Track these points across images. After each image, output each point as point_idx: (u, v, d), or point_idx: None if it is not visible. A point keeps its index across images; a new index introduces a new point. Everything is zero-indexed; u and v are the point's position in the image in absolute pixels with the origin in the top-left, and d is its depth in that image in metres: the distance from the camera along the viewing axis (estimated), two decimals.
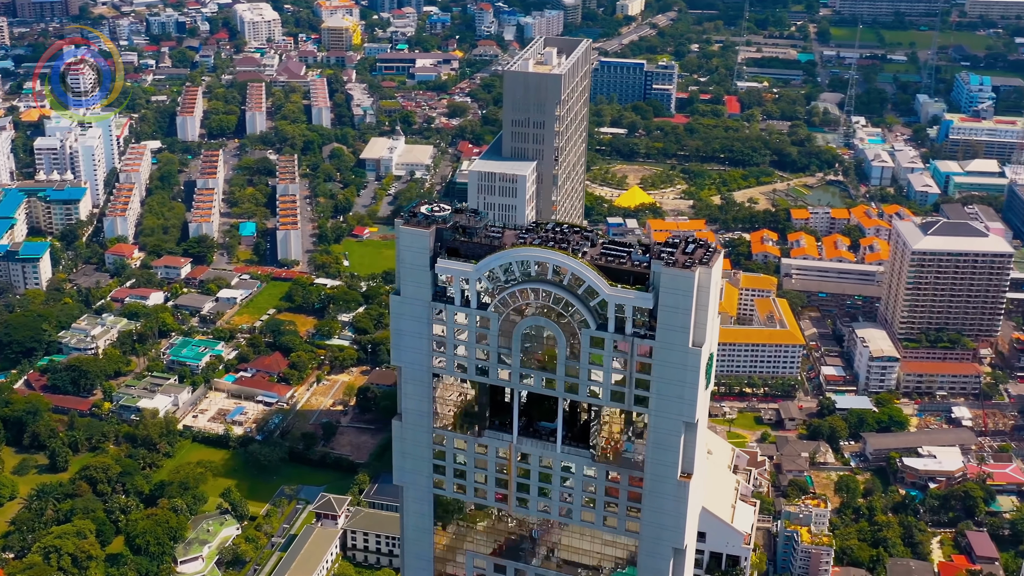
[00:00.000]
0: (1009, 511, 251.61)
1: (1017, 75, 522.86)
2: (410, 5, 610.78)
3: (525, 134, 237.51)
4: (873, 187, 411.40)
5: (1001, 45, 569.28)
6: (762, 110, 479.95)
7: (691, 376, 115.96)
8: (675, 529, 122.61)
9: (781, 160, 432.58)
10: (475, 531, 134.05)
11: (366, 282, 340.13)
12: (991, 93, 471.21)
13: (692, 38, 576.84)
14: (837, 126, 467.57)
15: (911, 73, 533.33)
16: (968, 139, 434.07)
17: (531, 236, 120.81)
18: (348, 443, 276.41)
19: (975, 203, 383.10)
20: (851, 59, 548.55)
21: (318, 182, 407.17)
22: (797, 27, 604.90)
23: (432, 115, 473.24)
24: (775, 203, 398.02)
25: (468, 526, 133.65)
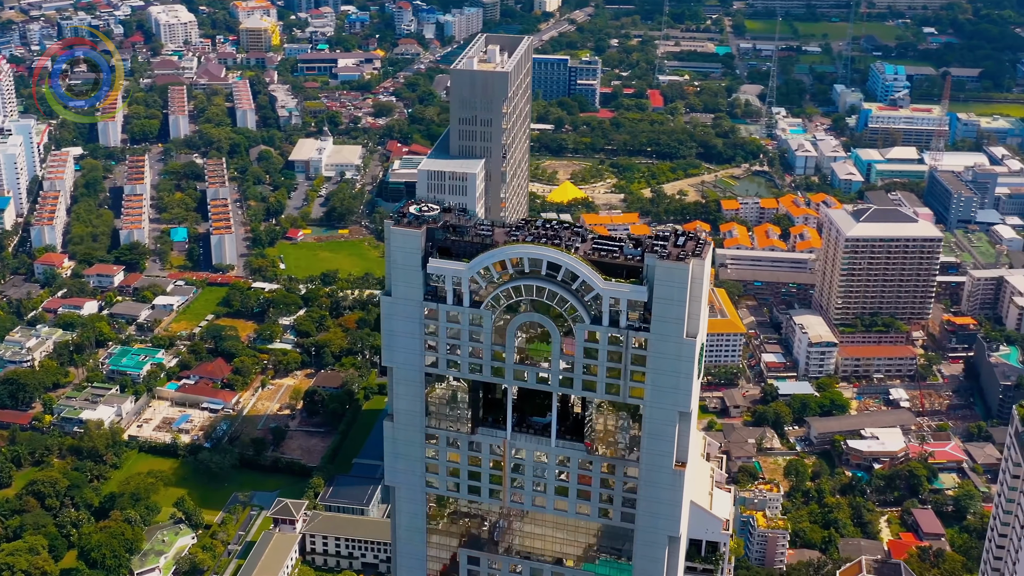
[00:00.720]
0: (951, 488, 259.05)
1: (928, 64, 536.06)
2: (327, 4, 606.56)
3: (473, 132, 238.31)
4: (798, 176, 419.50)
5: (910, 35, 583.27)
6: (685, 103, 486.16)
7: (685, 366, 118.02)
8: (670, 518, 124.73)
9: (707, 152, 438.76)
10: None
11: (304, 285, 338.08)
12: (906, 82, 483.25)
13: (611, 33, 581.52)
14: (759, 117, 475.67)
15: (826, 64, 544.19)
16: (887, 127, 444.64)
17: (522, 233, 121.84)
18: (298, 447, 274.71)
19: (898, 190, 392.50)
20: (768, 51, 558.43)
21: (248, 185, 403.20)
22: (712, 20, 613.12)
23: (358, 115, 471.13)
24: (704, 195, 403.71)
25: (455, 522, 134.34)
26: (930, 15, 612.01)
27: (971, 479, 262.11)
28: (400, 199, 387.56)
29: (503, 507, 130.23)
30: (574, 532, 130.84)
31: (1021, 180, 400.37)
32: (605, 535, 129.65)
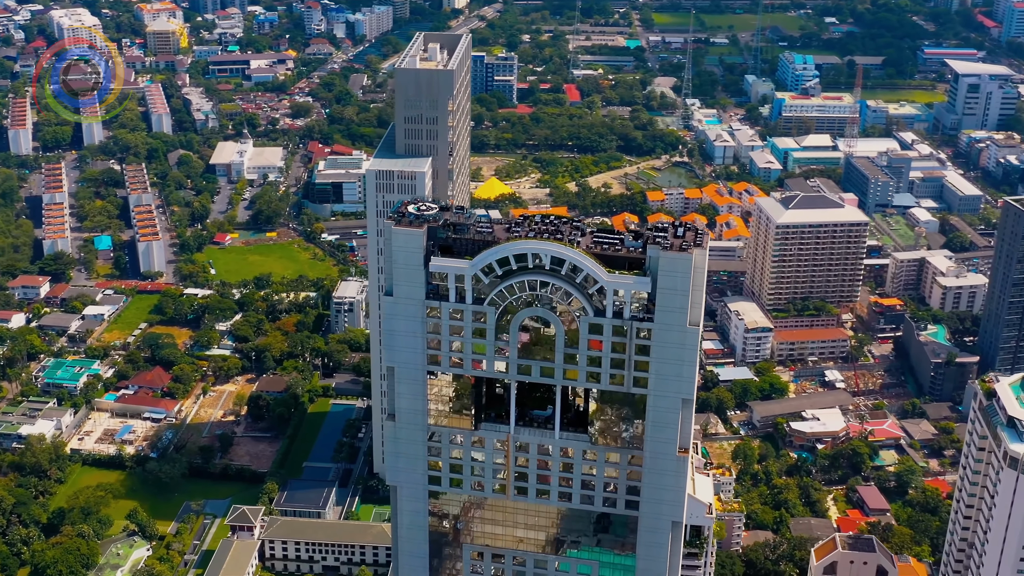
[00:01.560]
0: (892, 464, 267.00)
1: (832, 53, 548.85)
2: (234, 5, 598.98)
3: (419, 130, 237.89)
4: (718, 166, 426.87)
5: (813, 25, 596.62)
6: (601, 97, 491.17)
7: (689, 354, 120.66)
8: (675, 503, 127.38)
9: (627, 145, 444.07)
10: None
11: (238, 289, 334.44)
12: (815, 71, 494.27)
13: (522, 29, 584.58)
14: (674, 109, 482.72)
15: (735, 55, 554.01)
16: (800, 116, 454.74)
17: (522, 229, 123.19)
18: (246, 453, 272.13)
19: (816, 176, 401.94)
20: (677, 44, 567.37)
21: (169, 191, 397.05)
22: (620, 15, 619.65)
23: (275, 116, 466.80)
24: (629, 187, 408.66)
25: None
26: (831, 5, 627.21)
27: (909, 455, 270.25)
28: (327, 199, 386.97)
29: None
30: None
31: (933, 164, 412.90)
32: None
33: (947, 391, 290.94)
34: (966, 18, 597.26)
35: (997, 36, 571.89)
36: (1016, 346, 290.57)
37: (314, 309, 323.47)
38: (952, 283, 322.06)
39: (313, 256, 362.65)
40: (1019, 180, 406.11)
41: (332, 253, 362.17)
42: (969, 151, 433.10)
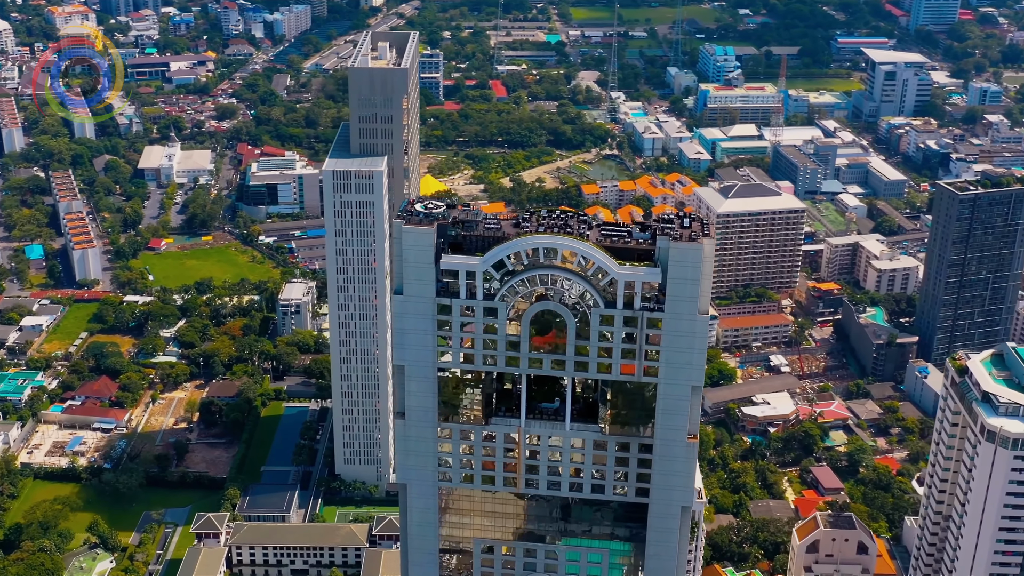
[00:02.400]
0: (841, 444, 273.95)
1: (748, 44, 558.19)
2: (147, 7, 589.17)
3: (373, 129, 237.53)
4: (648, 158, 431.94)
5: (728, 17, 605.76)
6: (527, 92, 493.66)
7: (699, 342, 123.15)
8: (684, 488, 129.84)
9: (557, 139, 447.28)
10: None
11: (179, 295, 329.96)
12: (736, 63, 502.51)
13: (442, 25, 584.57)
14: (600, 103, 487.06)
15: (654, 48, 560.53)
16: (725, 106, 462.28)
17: (531, 224, 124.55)
18: (202, 460, 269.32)
19: (745, 166, 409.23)
20: (596, 38, 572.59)
21: (99, 197, 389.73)
22: (539, 9, 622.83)
23: (200, 119, 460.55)
24: (562, 181, 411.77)
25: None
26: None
27: (858, 434, 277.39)
28: (262, 201, 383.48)
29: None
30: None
31: (857, 151, 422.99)
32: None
33: (889, 371, 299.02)
34: (875, 7, 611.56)
35: (906, 24, 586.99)
36: (953, 325, 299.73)
37: (259, 312, 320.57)
38: (886, 266, 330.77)
39: (252, 259, 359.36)
40: (939, 164, 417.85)
41: (271, 255, 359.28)
42: (889, 137, 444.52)
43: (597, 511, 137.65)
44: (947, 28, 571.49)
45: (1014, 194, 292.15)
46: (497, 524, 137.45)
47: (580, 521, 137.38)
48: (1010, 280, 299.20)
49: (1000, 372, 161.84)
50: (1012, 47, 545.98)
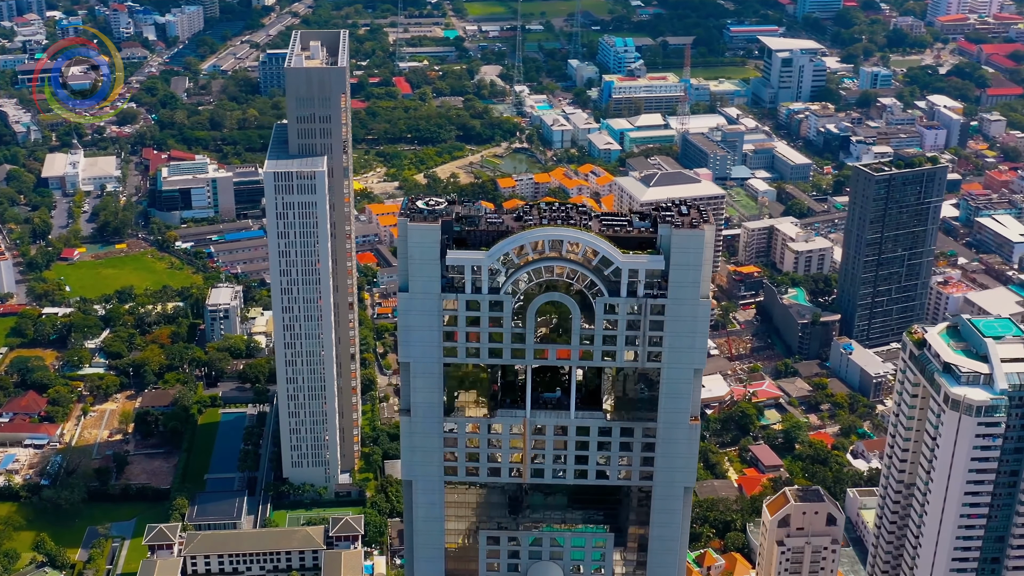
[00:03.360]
0: (776, 422, 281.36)
1: (643, 35, 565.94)
2: (32, 11, 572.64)
3: (312, 129, 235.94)
4: (558, 150, 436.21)
5: (621, 9, 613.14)
6: (432, 88, 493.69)
7: (701, 326, 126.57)
8: (687, 470, 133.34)
9: (466, 134, 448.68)
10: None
11: (100, 305, 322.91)
12: (636, 53, 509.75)
13: (338, 23, 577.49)
14: (504, 96, 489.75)
15: (552, 41, 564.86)
16: (630, 97, 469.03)
17: (533, 218, 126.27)
18: (142, 471, 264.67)
19: (655, 155, 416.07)
20: (494, 32, 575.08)
21: (3, 208, 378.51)
22: (433, 5, 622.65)
23: (100, 125, 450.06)
24: (476, 175, 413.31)
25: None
26: None
27: (791, 412, 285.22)
28: (175, 207, 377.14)
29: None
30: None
31: (761, 136, 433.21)
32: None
33: (814, 349, 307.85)
34: None
35: (793, 12, 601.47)
36: (872, 302, 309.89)
37: (185, 319, 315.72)
38: (803, 248, 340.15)
39: (170, 265, 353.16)
40: (840, 147, 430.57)
41: (190, 261, 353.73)
42: (789, 122, 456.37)
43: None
44: (833, 15, 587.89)
45: (925, 173, 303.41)
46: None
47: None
48: (924, 256, 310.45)
49: (957, 343, 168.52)
50: (896, 31, 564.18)
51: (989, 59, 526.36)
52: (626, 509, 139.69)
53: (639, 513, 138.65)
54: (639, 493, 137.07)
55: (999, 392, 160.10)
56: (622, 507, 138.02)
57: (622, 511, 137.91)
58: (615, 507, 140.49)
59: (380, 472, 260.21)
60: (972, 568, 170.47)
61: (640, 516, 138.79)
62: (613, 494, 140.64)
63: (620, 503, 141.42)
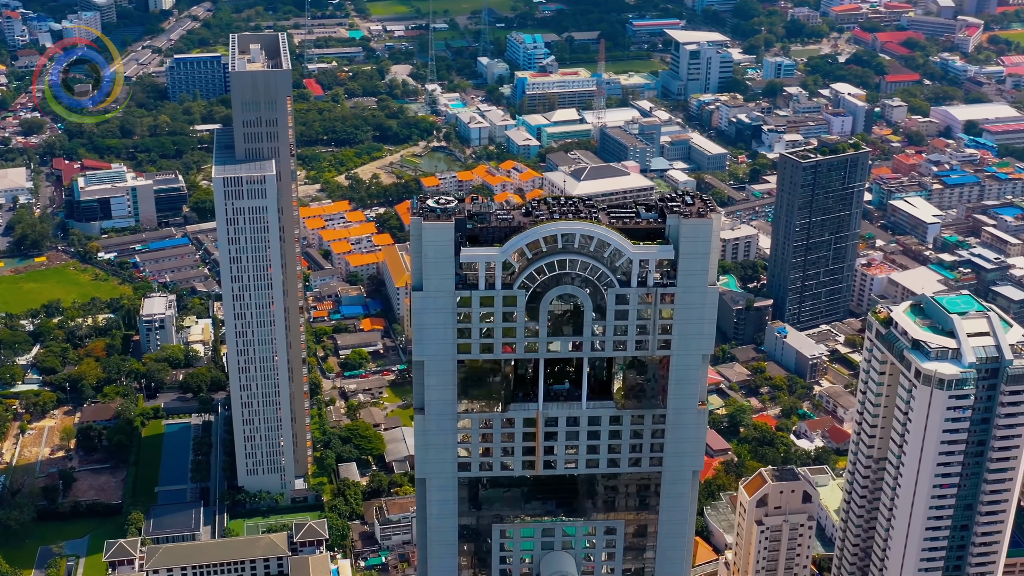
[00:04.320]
0: (720, 407, 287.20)
1: (548, 31, 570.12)
2: None
3: (258, 133, 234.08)
4: (476, 147, 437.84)
5: (523, 5, 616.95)
6: (344, 89, 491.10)
7: (709, 312, 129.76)
8: (695, 454, 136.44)
9: (383, 134, 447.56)
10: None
11: (27, 320, 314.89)
12: (545, 50, 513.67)
13: (240, 26, 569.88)
14: (418, 95, 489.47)
15: (458, 39, 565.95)
16: (543, 93, 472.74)
17: (543, 213, 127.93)
18: (90, 487, 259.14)
19: (574, 149, 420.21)
20: (399, 31, 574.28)
21: None
22: (335, 6, 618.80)
23: (5, 136, 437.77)
24: (398, 175, 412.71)
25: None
26: None
27: (732, 396, 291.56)
28: (95, 217, 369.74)
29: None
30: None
31: (676, 128, 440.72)
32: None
33: (749, 334, 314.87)
34: None
35: (693, 6, 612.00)
36: (802, 285, 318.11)
37: (118, 331, 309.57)
38: (730, 235, 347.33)
39: (95, 277, 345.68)
40: (752, 136, 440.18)
41: (115, 272, 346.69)
42: (701, 113, 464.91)
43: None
44: (732, 7, 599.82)
45: (849, 159, 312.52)
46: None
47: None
48: (849, 240, 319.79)
49: (923, 321, 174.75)
50: (794, 22, 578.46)
51: (884, 47, 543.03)
52: (589, 498, 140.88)
53: (635, 500, 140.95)
54: (638, 481, 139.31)
55: (967, 366, 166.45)
56: (579, 497, 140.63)
57: (580, 501, 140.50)
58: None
59: (335, 475, 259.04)
60: (944, 536, 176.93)
61: (630, 503, 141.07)
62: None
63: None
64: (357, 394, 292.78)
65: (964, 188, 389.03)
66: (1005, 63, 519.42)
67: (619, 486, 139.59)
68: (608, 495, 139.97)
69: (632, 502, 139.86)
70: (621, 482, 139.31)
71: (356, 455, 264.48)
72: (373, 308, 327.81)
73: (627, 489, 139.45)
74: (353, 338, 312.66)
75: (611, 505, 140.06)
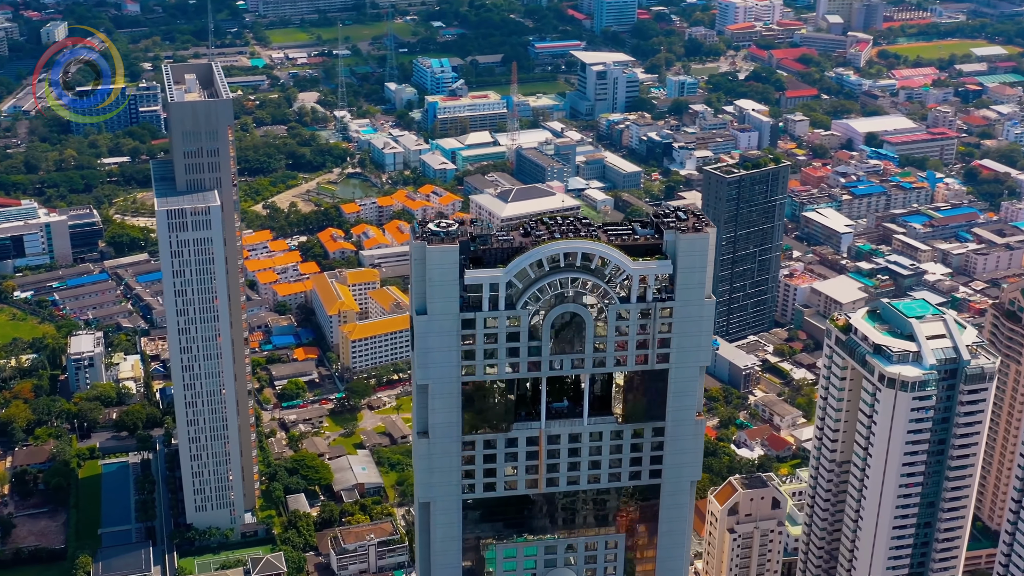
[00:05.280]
0: None
1: (451, 55, 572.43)
2: None
3: (200, 164, 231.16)
4: (392, 173, 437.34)
5: (424, 31, 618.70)
6: (252, 117, 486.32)
7: (706, 324, 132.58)
8: (694, 464, 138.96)
9: (296, 162, 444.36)
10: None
11: None
12: (453, 73, 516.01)
13: (139, 57, 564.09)
14: (327, 122, 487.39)
15: (362, 65, 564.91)
16: (455, 116, 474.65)
17: (543, 233, 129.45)
18: (30, 533, 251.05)
19: (491, 172, 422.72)
20: (301, 59, 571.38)
21: None
22: (233, 35, 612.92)
23: None
24: (317, 203, 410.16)
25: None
26: (434, 10, 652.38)
27: None
28: (7, 255, 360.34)
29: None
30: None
31: (589, 148, 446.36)
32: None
33: None
34: (558, 13, 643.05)
35: (591, 27, 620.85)
36: (729, 297, 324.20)
37: (44, 370, 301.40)
38: None
39: (12, 317, 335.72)
40: (663, 154, 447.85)
41: (33, 311, 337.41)
42: (611, 133, 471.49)
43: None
44: (630, 28, 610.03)
45: (770, 173, 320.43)
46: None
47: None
48: (772, 251, 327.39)
49: (882, 326, 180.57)
50: (692, 41, 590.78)
51: (780, 63, 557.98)
52: (589, 513, 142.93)
53: (635, 512, 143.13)
54: (638, 493, 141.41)
55: (928, 367, 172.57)
56: (579, 514, 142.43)
57: (580, 517, 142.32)
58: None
59: (284, 508, 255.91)
60: (910, 534, 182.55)
61: (631, 516, 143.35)
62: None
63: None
64: (297, 424, 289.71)
65: (872, 198, 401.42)
66: (896, 76, 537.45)
67: (619, 499, 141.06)
68: (609, 509, 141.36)
69: (632, 514, 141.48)
70: (621, 495, 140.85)
71: (303, 486, 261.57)
72: (305, 337, 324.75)
73: (628, 502, 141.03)
74: (288, 368, 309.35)
75: (612, 519, 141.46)
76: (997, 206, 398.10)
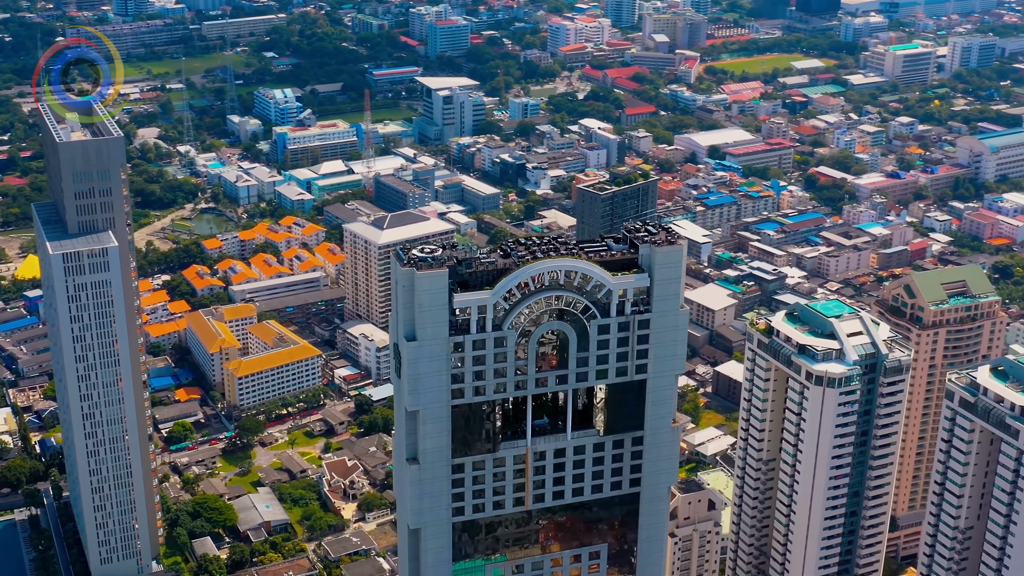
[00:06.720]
0: None
1: (288, 85, 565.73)
2: None
3: (92, 204, 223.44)
4: (247, 206, 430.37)
5: (256, 62, 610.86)
6: None
7: (681, 334, 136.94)
8: (671, 471, 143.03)
9: (146, 200, 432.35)
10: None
11: None
12: (298, 104, 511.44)
13: None
14: (171, 158, 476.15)
15: (198, 99, 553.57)
16: (306, 146, 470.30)
17: (526, 253, 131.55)
18: None
19: (351, 200, 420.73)
20: (133, 94, 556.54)
21: None
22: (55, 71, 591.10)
23: None
24: (175, 240, 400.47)
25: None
26: (264, 41, 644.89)
27: None
28: None
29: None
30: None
31: (445, 172, 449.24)
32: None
33: None
34: (391, 40, 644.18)
35: (424, 53, 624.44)
36: None
37: None
38: None
39: None
40: (516, 175, 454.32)
41: None
42: (463, 156, 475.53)
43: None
44: (464, 52, 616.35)
45: (640, 188, 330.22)
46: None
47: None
48: None
49: (803, 327, 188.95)
50: (528, 63, 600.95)
51: (615, 82, 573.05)
52: (573, 525, 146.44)
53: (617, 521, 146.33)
54: (619, 502, 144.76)
55: (852, 363, 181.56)
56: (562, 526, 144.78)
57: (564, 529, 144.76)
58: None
59: (191, 553, 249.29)
60: (839, 524, 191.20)
61: (612, 525, 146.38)
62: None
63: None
64: (190, 467, 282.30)
65: (724, 208, 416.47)
66: (726, 91, 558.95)
67: (601, 510, 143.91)
68: (591, 520, 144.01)
69: (614, 523, 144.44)
70: (603, 506, 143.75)
71: (208, 528, 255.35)
72: (184, 377, 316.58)
73: (609, 512, 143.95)
74: (171, 410, 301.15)
75: (594, 529, 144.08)
76: (839, 210, 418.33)
